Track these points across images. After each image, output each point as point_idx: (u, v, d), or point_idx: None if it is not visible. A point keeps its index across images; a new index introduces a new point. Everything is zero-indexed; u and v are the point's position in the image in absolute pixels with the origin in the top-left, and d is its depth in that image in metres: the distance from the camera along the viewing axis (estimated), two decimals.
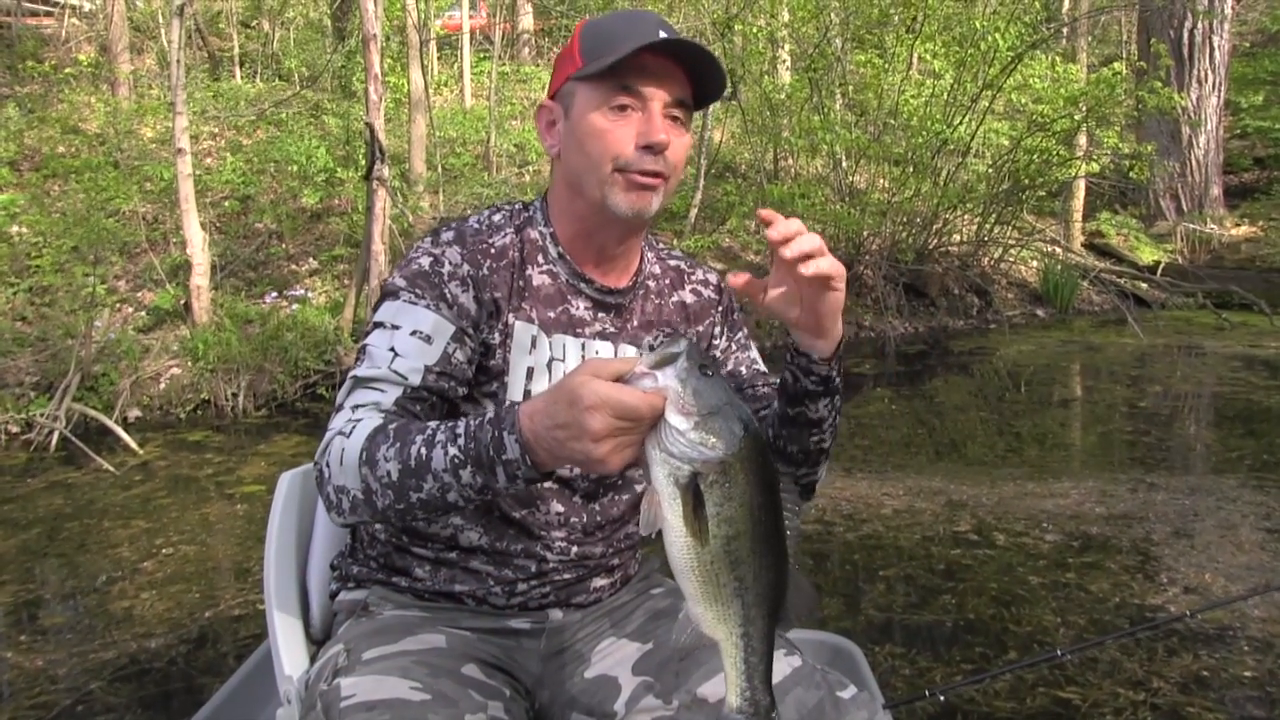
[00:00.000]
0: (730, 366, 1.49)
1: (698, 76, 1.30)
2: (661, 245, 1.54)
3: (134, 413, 6.22)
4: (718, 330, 1.51)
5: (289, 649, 1.37)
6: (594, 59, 1.26)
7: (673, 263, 1.52)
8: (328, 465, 1.17)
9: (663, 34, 1.24)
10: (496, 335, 1.31)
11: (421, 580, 1.37)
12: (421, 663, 1.23)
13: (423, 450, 1.09)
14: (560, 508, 1.36)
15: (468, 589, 1.36)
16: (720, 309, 1.51)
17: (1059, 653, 2.19)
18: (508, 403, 1.31)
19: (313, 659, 1.38)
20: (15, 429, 5.84)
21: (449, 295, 1.27)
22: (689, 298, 1.49)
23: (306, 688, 1.30)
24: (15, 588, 3.65)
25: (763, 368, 1.52)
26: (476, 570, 1.36)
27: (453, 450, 1.07)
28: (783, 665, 1.29)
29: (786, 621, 1.04)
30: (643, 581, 1.53)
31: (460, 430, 1.08)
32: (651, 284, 1.46)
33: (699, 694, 1.30)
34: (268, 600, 1.40)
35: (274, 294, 7.57)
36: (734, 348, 1.51)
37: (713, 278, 1.54)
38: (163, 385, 6.47)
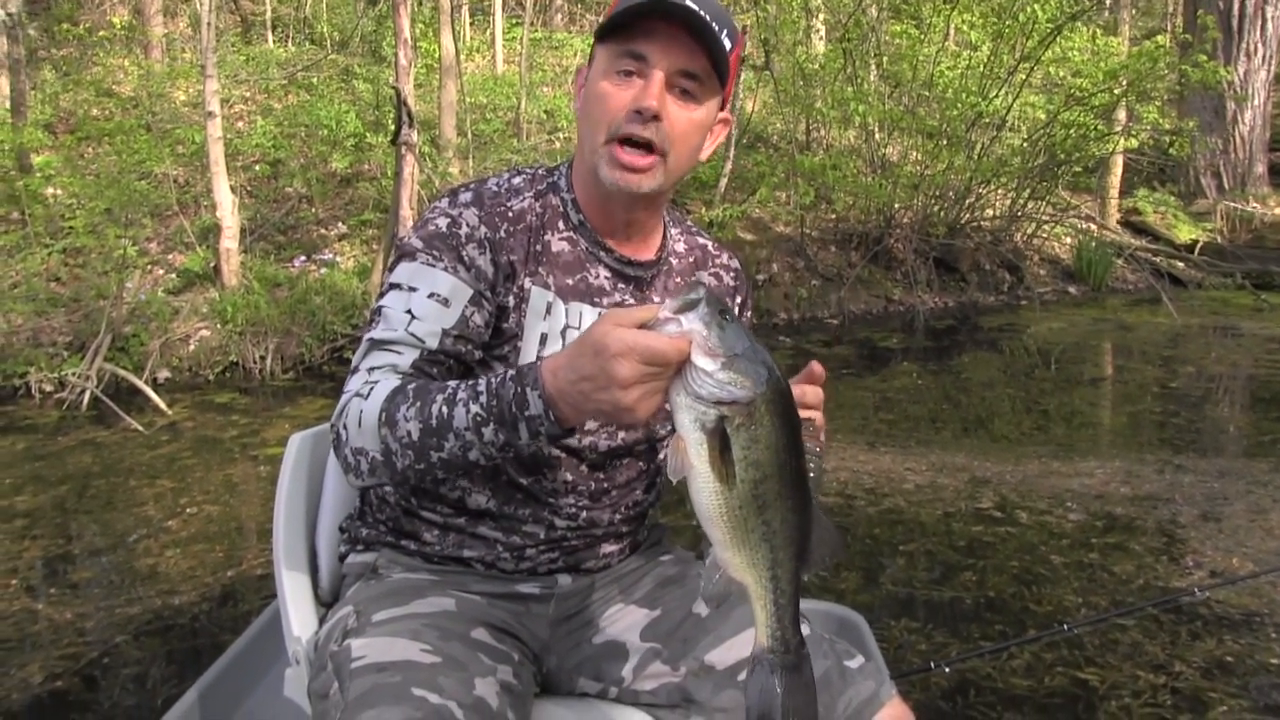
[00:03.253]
0: None
1: (710, 46, 1.23)
2: (689, 221, 1.53)
3: (163, 373, 6.30)
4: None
5: (298, 610, 1.38)
6: (615, 17, 1.24)
7: (700, 240, 1.51)
8: (345, 428, 1.17)
9: (689, 1, 1.19)
10: (511, 299, 1.30)
11: (430, 544, 1.37)
12: (431, 625, 1.24)
13: (444, 409, 1.09)
14: (568, 475, 1.35)
15: (476, 554, 1.36)
16: (739, 299, 1.51)
17: (1066, 627, 2.17)
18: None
19: (321, 621, 1.38)
20: (49, 388, 5.93)
21: (466, 258, 1.26)
22: (709, 279, 1.48)
23: (316, 649, 1.31)
24: (46, 543, 3.72)
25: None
26: (485, 536, 1.35)
27: (475, 408, 1.07)
28: None
29: (811, 563, 1.05)
30: (652, 548, 1.52)
31: (482, 388, 1.08)
32: (675, 261, 1.45)
33: (706, 661, 1.31)
34: (276, 562, 1.41)
35: (303, 258, 7.61)
36: None
37: (735, 263, 1.54)
38: (192, 347, 6.54)
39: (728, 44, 1.24)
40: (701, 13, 1.20)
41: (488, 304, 1.28)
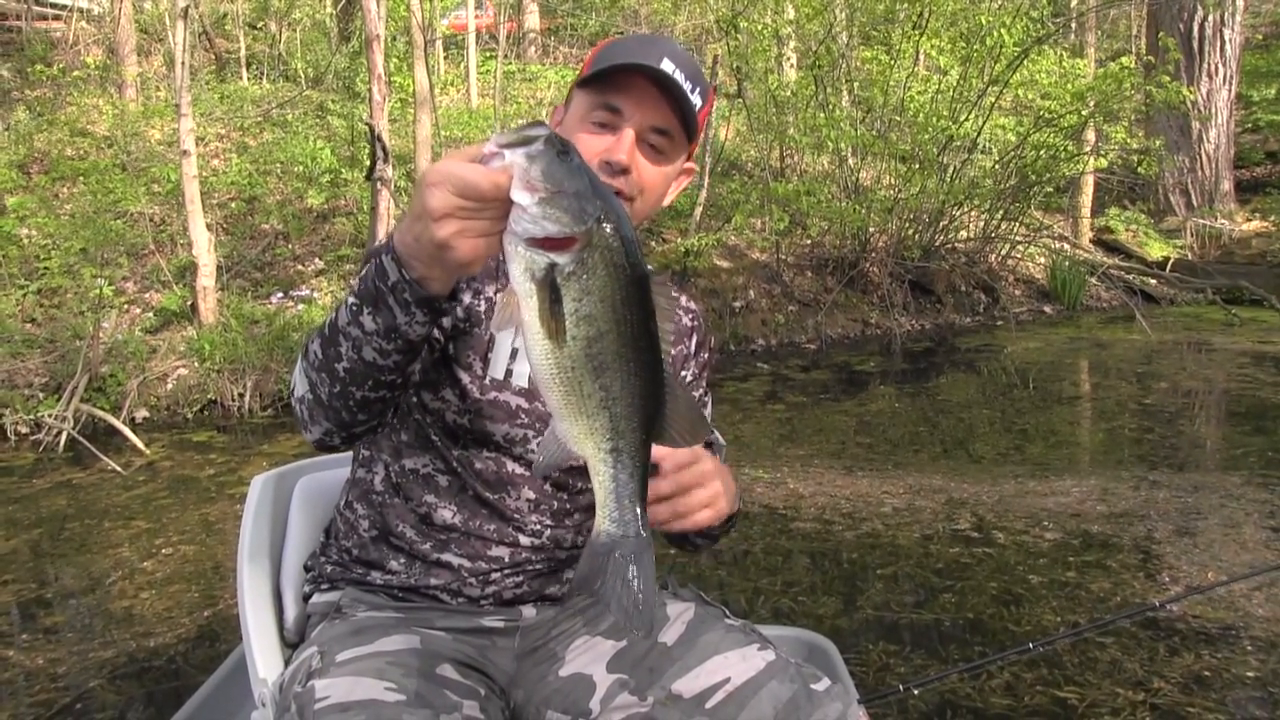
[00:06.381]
0: None
1: (682, 106, 1.30)
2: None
3: (141, 413, 6.25)
4: (689, 358, 1.54)
5: (263, 652, 1.37)
6: (595, 70, 1.30)
7: None
8: (292, 391, 1.19)
9: (666, 61, 1.26)
10: (482, 302, 1.34)
11: (396, 574, 1.38)
12: (396, 663, 1.24)
13: (334, 316, 1.09)
14: (531, 494, 1.37)
15: (442, 582, 1.36)
16: (695, 340, 1.55)
17: (1032, 646, 2.19)
18: (488, 379, 1.33)
19: (287, 662, 1.38)
20: (24, 429, 5.87)
21: None
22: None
23: (281, 690, 1.30)
24: (18, 587, 3.67)
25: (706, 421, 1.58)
26: (450, 564, 1.36)
27: (351, 300, 1.06)
28: (756, 660, 1.30)
29: (668, 438, 0.96)
30: None
31: (358, 278, 1.07)
32: None
33: (673, 690, 1.31)
34: (241, 604, 1.41)
35: (280, 294, 7.58)
36: (695, 386, 1.54)
37: (694, 306, 1.58)
38: (170, 386, 6.50)
39: (699, 102, 1.31)
40: (677, 74, 1.26)
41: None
